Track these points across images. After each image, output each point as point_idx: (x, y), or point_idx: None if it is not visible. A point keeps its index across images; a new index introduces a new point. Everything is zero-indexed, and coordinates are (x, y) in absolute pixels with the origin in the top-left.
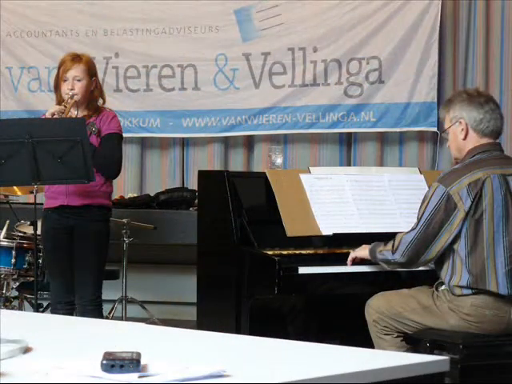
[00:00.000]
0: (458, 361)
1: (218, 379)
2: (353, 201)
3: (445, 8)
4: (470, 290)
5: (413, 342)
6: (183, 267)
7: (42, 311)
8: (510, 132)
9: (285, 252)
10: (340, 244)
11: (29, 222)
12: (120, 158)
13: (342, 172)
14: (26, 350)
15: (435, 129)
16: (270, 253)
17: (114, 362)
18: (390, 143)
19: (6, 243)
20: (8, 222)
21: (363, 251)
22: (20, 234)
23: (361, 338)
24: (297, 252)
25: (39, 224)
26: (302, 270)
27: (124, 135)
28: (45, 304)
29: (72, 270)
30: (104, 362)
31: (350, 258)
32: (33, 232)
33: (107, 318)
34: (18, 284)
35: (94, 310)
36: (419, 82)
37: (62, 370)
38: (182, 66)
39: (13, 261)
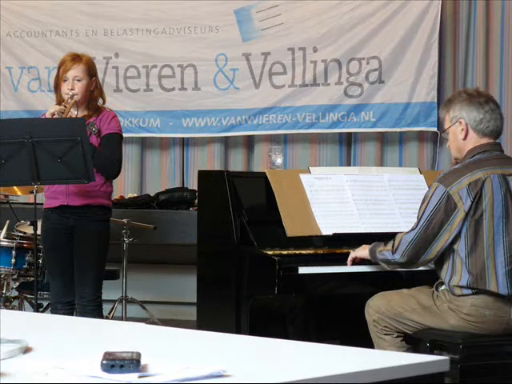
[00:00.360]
0: (458, 361)
1: (217, 379)
2: (353, 201)
3: (445, 8)
4: (469, 290)
5: (413, 341)
6: (183, 267)
7: (42, 311)
8: (510, 132)
9: (285, 252)
10: (340, 244)
11: (29, 222)
12: (120, 158)
13: (342, 172)
14: (26, 350)
15: (435, 129)
16: (270, 253)
17: (114, 362)
18: (389, 143)
19: (6, 243)
20: (8, 221)
21: (363, 251)
22: (20, 233)
23: (361, 338)
24: (297, 252)
25: (39, 224)
26: (302, 269)
27: (124, 135)
28: (45, 304)
29: (72, 270)
30: (104, 362)
31: (349, 258)
32: (33, 232)
33: (107, 318)
34: (18, 284)
35: (94, 310)
36: (419, 81)
37: (61, 369)
38: (182, 66)
39: (13, 261)
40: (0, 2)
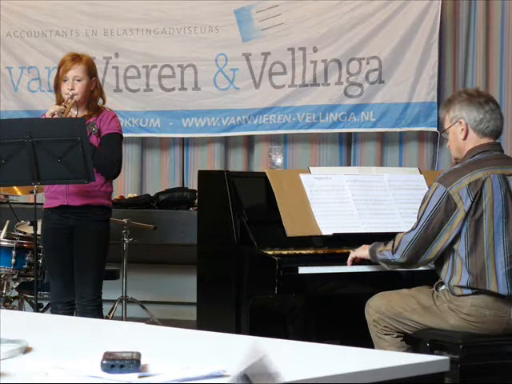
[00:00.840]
0: (458, 361)
1: (217, 379)
2: (353, 201)
3: (445, 8)
4: (470, 290)
5: (413, 341)
6: (183, 267)
7: (42, 311)
8: (510, 132)
9: (285, 252)
10: (340, 244)
11: (29, 222)
12: (120, 158)
13: (342, 172)
14: (26, 350)
15: (435, 129)
16: (270, 253)
17: (114, 362)
18: (389, 143)
19: (6, 243)
20: (8, 221)
21: (363, 251)
22: (20, 233)
23: (361, 338)
24: (297, 252)
25: (39, 224)
26: (302, 269)
27: (124, 135)
28: (45, 304)
29: (72, 270)
30: (104, 362)
31: (349, 258)
32: (33, 232)
33: (107, 318)
34: (18, 284)
35: (94, 310)
36: (419, 81)
37: (61, 370)
38: (182, 66)
39: (13, 261)
40: (0, 2)
